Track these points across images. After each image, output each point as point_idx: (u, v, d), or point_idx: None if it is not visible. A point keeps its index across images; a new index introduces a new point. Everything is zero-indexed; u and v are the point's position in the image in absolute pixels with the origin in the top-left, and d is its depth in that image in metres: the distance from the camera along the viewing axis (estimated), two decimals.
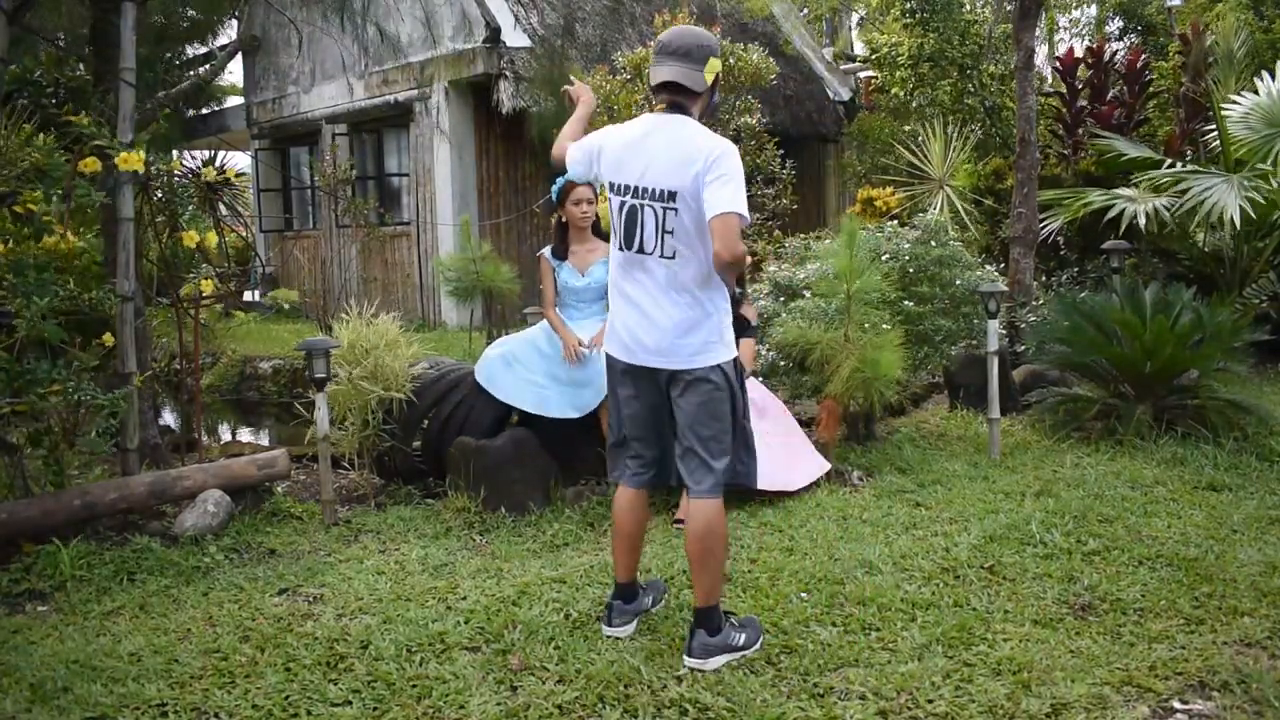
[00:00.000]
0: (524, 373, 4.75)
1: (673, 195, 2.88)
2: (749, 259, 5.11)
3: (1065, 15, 14.92)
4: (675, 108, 2.97)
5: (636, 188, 2.94)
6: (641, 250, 2.96)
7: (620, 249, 3.02)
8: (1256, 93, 7.74)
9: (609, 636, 3.15)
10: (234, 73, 15.76)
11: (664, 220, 2.91)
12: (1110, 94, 9.12)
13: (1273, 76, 7.85)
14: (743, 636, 3.00)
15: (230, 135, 14.91)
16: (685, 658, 2.96)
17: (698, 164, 2.83)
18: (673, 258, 2.92)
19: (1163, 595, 3.32)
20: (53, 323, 4.04)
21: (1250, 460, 4.92)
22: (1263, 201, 6.66)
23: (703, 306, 2.95)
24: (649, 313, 2.97)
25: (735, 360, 3.04)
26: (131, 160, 4.27)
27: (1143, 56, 9.40)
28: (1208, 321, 5.43)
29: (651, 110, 3.01)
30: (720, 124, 10.44)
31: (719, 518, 2.99)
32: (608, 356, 3.17)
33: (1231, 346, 5.57)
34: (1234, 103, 7.72)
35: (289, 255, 14.40)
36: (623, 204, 2.98)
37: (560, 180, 4.73)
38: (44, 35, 5.89)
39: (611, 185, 3.02)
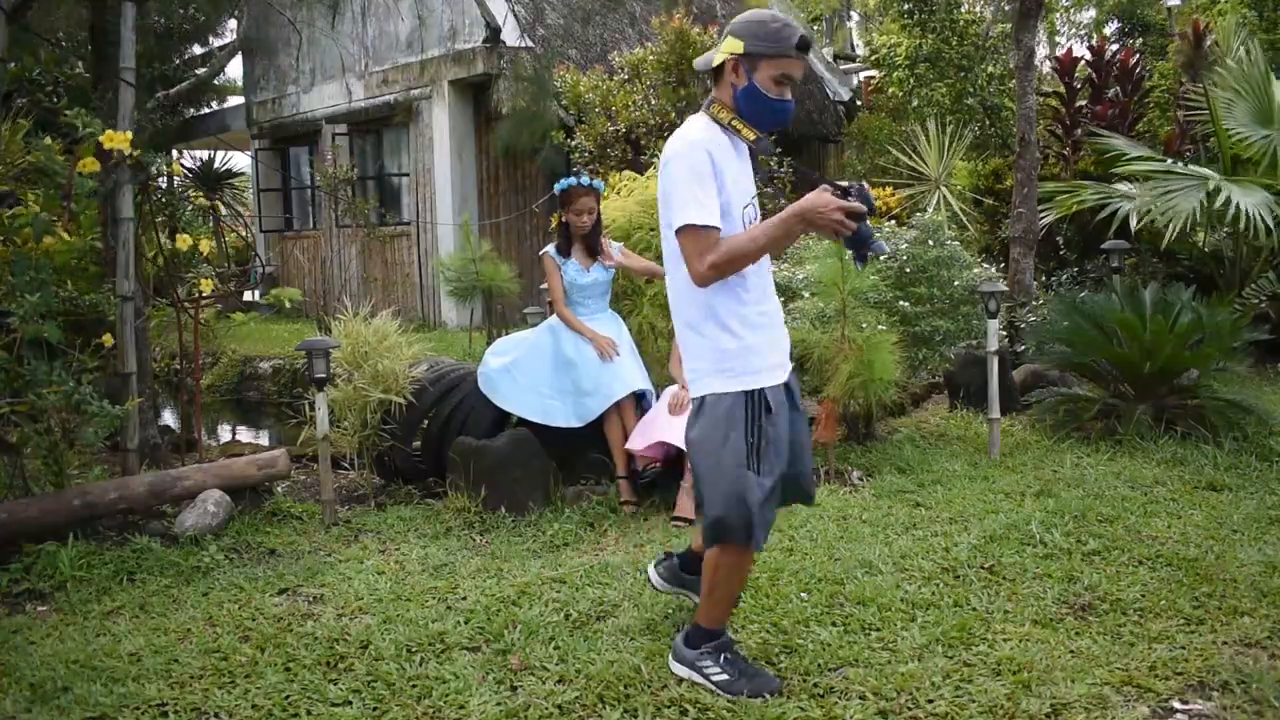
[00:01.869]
0: (527, 381, 4.71)
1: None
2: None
3: (1064, 16, 14.92)
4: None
5: None
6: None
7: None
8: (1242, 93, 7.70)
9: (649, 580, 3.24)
10: (233, 72, 15.75)
11: (665, 242, 2.80)
12: (1109, 94, 9.12)
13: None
14: (721, 677, 2.77)
15: (230, 135, 14.92)
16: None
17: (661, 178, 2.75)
18: (674, 282, 2.82)
19: (1163, 595, 3.32)
20: (52, 323, 4.03)
21: (1250, 460, 4.91)
22: (1207, 205, 6.62)
23: (697, 331, 2.75)
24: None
25: (748, 394, 2.67)
26: (116, 139, 4.21)
27: (1136, 55, 9.40)
28: (1207, 321, 5.43)
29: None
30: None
31: (711, 566, 2.81)
32: None
33: (1231, 346, 5.56)
34: (1225, 100, 7.68)
35: (289, 255, 14.41)
36: None
37: (565, 182, 4.71)
38: (44, 35, 5.89)
39: None
